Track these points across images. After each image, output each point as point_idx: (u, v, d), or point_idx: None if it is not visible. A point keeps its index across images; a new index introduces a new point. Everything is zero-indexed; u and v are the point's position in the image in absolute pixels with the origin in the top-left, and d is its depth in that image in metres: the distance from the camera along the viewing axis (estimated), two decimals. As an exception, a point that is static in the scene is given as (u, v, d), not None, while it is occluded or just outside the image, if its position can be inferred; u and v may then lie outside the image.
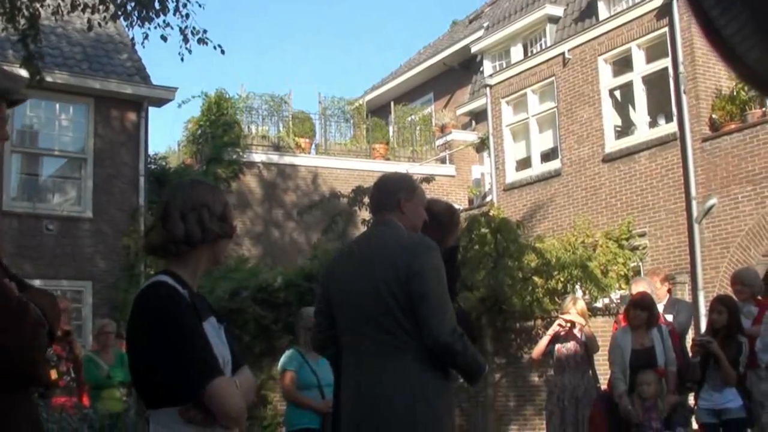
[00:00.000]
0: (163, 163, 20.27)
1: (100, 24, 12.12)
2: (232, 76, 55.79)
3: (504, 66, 21.74)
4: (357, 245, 4.37)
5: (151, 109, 17.38)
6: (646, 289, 8.48)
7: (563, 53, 17.77)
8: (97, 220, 16.31)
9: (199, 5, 12.24)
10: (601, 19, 18.89)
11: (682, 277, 14.46)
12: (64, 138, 16.92)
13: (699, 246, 14.60)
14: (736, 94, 14.80)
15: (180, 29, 11.80)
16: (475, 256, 12.73)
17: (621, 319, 8.94)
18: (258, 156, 21.37)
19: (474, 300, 12.36)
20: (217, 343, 2.85)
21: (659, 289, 9.08)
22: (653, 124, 16.41)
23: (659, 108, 16.37)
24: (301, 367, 7.42)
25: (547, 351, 9.07)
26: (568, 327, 8.82)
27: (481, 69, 24.36)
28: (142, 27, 11.73)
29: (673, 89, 15.53)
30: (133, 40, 13.12)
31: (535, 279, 13.03)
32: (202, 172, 19.93)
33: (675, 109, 15.48)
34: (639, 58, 16.39)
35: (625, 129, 17.12)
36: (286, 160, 21.82)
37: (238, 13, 69.48)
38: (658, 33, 15.87)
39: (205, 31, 11.90)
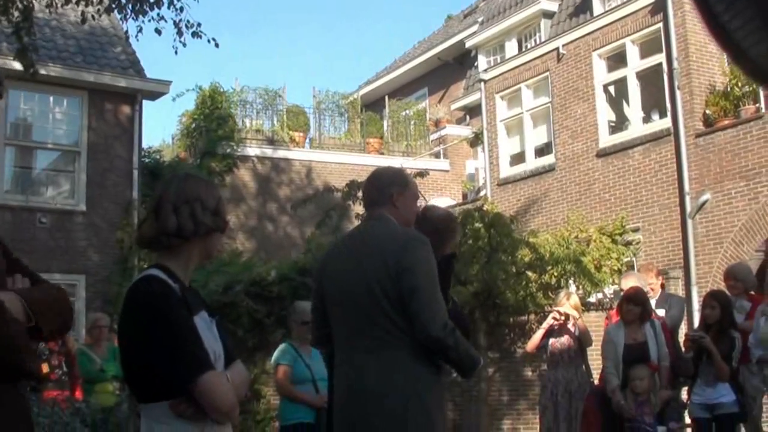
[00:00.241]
0: (157, 157, 20.24)
1: (94, 17, 12.06)
2: (226, 69, 55.70)
3: (498, 61, 21.74)
4: (349, 240, 4.37)
5: (145, 102, 17.32)
6: (636, 283, 8.48)
7: (558, 48, 17.77)
8: (91, 213, 16.27)
9: (194, -2, 12.20)
10: (595, 14, 18.92)
11: (675, 272, 14.47)
12: (57, 131, 16.86)
13: (692, 241, 14.62)
14: (729, 90, 14.82)
15: (174, 22, 11.75)
16: (469, 251, 12.73)
17: (612, 315, 8.95)
18: (252, 150, 21.36)
19: (467, 294, 12.36)
20: (208, 337, 2.84)
21: (654, 284, 9.08)
22: (647, 119, 16.43)
23: (653, 103, 16.38)
24: (295, 362, 7.41)
25: (541, 345, 9.08)
26: (563, 320, 8.83)
27: (475, 64, 24.38)
28: (136, 20, 11.67)
29: (667, 85, 15.54)
30: (127, 33, 13.06)
31: (529, 274, 13.03)
32: (196, 165, 19.92)
33: (669, 104, 15.48)
34: (633, 53, 16.39)
35: (619, 124, 17.13)
36: (280, 154, 21.82)
37: (233, 7, 69.41)
38: (653, 29, 15.88)
39: (199, 24, 11.85)
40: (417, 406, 3.81)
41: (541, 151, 18.51)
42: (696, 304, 13.50)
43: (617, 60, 16.91)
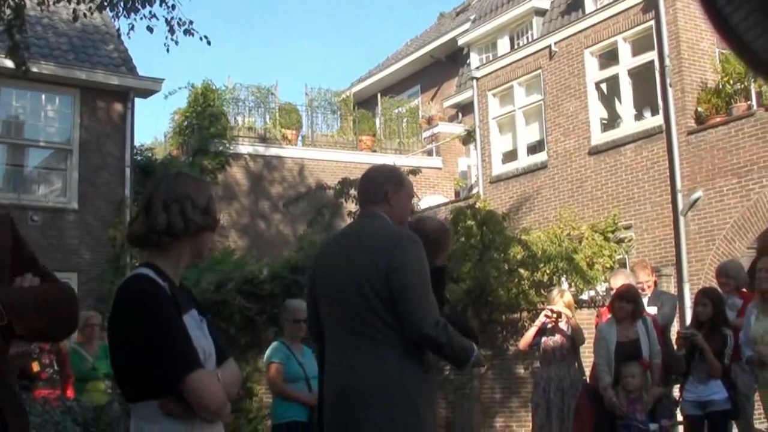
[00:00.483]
0: (150, 155, 20.18)
1: (86, 14, 12.05)
2: (218, 67, 55.64)
3: (491, 58, 21.73)
4: (342, 239, 4.37)
5: (137, 100, 17.29)
6: (626, 281, 8.49)
7: (550, 46, 17.78)
8: (83, 211, 16.23)
9: (185, -4, 12.21)
10: (587, 12, 18.93)
11: (667, 270, 14.49)
12: (49, 129, 16.82)
13: (684, 238, 14.64)
14: (721, 87, 14.84)
15: (166, 20, 11.75)
16: (461, 248, 12.74)
17: (602, 313, 8.96)
18: (244, 147, 21.34)
19: (460, 292, 12.36)
20: (198, 336, 2.84)
21: (649, 281, 9.08)
22: (639, 116, 16.44)
23: (645, 101, 16.40)
24: (287, 360, 7.40)
25: (534, 343, 9.09)
26: (555, 318, 8.84)
27: (467, 61, 24.37)
28: (128, 18, 11.66)
29: (659, 82, 15.56)
30: (119, 30, 13.03)
31: (521, 271, 13.04)
32: (189, 163, 19.89)
33: (661, 102, 15.51)
34: (625, 51, 16.41)
35: (611, 122, 17.14)
36: (272, 151, 21.80)
37: (225, 4, 69.28)
38: (644, 26, 15.90)
39: (191, 22, 11.85)
40: (406, 403, 3.81)
41: (533, 148, 18.52)
42: (688, 302, 13.53)
43: (609, 57, 16.93)
